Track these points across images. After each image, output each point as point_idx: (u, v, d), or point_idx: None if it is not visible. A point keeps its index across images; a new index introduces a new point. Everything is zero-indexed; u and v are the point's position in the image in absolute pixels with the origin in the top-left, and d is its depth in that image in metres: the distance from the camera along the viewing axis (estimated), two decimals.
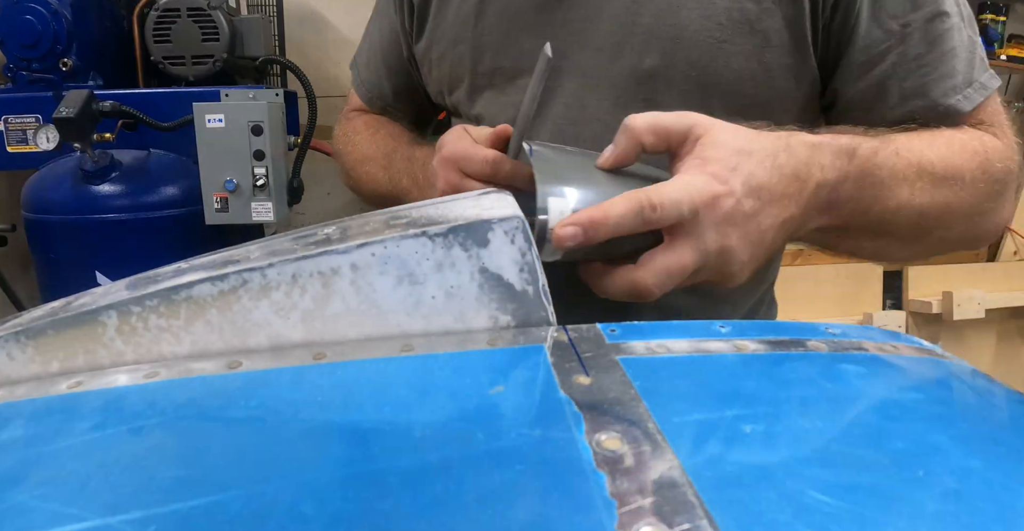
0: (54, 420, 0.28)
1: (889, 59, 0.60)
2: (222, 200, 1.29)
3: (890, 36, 0.59)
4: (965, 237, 0.61)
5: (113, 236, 1.32)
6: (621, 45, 0.62)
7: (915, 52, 0.59)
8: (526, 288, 0.34)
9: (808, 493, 0.21)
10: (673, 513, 0.20)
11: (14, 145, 1.40)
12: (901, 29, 0.59)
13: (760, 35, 0.60)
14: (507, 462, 0.22)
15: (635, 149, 0.47)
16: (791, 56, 0.61)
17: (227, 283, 0.32)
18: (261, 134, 1.26)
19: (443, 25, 0.70)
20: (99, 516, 0.21)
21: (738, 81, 0.61)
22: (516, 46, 0.66)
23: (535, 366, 0.29)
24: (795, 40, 0.60)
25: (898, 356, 0.31)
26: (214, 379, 0.29)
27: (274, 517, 0.20)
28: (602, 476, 0.21)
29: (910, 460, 0.23)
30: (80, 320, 0.32)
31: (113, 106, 1.27)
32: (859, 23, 0.59)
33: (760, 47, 0.60)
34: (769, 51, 0.60)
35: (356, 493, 0.21)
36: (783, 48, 0.60)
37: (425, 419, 0.25)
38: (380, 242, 0.33)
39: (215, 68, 1.43)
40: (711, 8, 0.60)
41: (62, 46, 1.37)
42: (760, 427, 0.24)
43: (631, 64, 0.62)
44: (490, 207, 0.36)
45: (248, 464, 0.23)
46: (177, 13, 1.40)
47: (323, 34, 1.89)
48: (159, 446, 0.25)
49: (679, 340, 0.31)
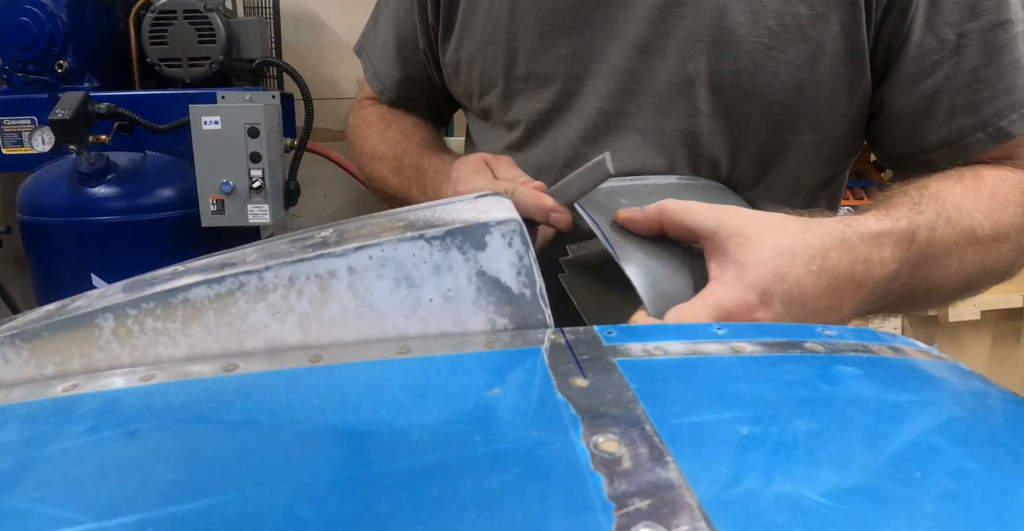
0: (50, 423, 0.28)
1: (942, 71, 0.55)
2: (218, 202, 1.29)
3: (944, 46, 0.54)
4: (1000, 281, 0.56)
5: (109, 238, 1.31)
6: (664, 48, 0.58)
7: (970, 65, 0.54)
8: (523, 291, 0.34)
9: (805, 495, 0.21)
10: (671, 515, 0.20)
11: (9, 147, 1.40)
12: (957, 39, 0.54)
13: (813, 42, 0.55)
14: (504, 464, 0.22)
15: (656, 232, 0.44)
16: (845, 66, 0.56)
17: (224, 286, 0.32)
18: (257, 136, 1.26)
19: (474, 24, 0.66)
20: (95, 519, 0.21)
21: (787, 92, 0.57)
22: (553, 50, 0.62)
23: (532, 368, 0.29)
24: (851, 48, 0.56)
25: (894, 358, 0.32)
26: (210, 382, 0.29)
27: (271, 520, 0.20)
28: (600, 478, 0.21)
29: (907, 461, 0.23)
30: (76, 323, 0.32)
31: (109, 108, 1.27)
32: (913, 30, 0.55)
33: (813, 55, 0.55)
34: (822, 60, 0.56)
35: (353, 496, 0.21)
36: (837, 57, 0.56)
37: (422, 421, 0.25)
38: (377, 245, 0.33)
39: (211, 70, 1.42)
40: (761, 12, 0.55)
41: (58, 48, 1.36)
42: (757, 429, 0.24)
43: (674, 70, 0.58)
44: (487, 210, 0.36)
45: (244, 467, 0.23)
46: (173, 15, 1.40)
47: (319, 37, 1.89)
48: (155, 449, 0.25)
49: (676, 342, 0.31)
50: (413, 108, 0.82)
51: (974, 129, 0.56)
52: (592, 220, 0.46)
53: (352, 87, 1.93)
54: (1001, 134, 0.55)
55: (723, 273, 0.40)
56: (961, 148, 0.57)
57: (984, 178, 0.54)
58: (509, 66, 0.64)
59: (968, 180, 0.54)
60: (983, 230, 0.50)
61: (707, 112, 0.59)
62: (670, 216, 0.43)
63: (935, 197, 0.50)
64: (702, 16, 0.56)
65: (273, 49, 1.66)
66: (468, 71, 0.68)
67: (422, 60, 0.77)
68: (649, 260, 0.43)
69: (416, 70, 0.78)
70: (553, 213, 0.49)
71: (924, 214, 0.47)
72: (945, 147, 0.57)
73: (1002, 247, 0.52)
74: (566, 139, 0.64)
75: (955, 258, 0.49)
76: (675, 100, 0.59)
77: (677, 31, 0.57)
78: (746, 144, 0.60)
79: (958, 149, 0.57)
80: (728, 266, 0.40)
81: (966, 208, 0.50)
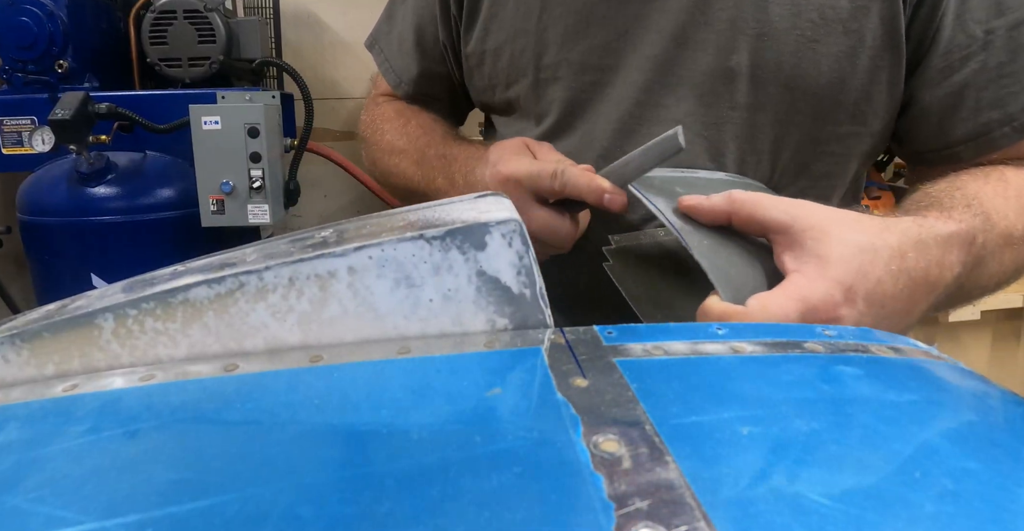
0: (49, 423, 0.28)
1: (970, 66, 0.56)
2: (218, 202, 1.29)
3: (973, 42, 0.56)
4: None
5: (109, 238, 1.31)
6: (704, 39, 0.58)
7: (997, 61, 0.56)
8: (523, 291, 0.34)
9: (806, 495, 0.21)
10: (671, 515, 0.20)
11: (9, 147, 1.40)
12: (985, 35, 0.55)
13: (855, 35, 0.56)
14: (504, 464, 0.22)
15: (722, 222, 0.43)
16: (885, 58, 0.57)
17: (224, 286, 0.32)
18: (257, 136, 1.26)
19: (502, 15, 0.66)
20: (95, 519, 0.21)
21: (829, 85, 0.57)
22: (586, 40, 0.61)
23: (532, 368, 0.29)
24: (890, 40, 0.56)
25: (895, 358, 0.32)
26: (210, 382, 0.29)
27: (271, 520, 0.20)
28: (599, 478, 0.21)
29: (907, 461, 0.23)
30: (76, 323, 0.32)
31: (109, 108, 1.27)
32: (943, 26, 0.56)
33: (854, 48, 0.56)
34: (863, 52, 0.56)
35: (353, 496, 0.21)
36: (877, 49, 0.56)
37: (422, 421, 0.25)
38: (377, 245, 0.33)
39: (211, 70, 1.42)
40: (802, 4, 0.56)
41: (58, 48, 1.36)
42: (758, 429, 0.24)
43: (714, 62, 0.58)
44: (487, 210, 0.36)
45: (245, 467, 0.23)
46: (173, 15, 1.40)
47: (319, 36, 1.89)
48: (155, 449, 0.25)
49: (676, 342, 0.31)
50: (430, 103, 0.81)
51: (1000, 124, 0.57)
52: (653, 204, 0.44)
53: (352, 87, 1.92)
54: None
55: (803, 266, 0.38)
56: (987, 142, 0.58)
57: (1008, 179, 0.55)
58: (538, 55, 0.64)
59: (994, 181, 0.54)
60: (1017, 231, 0.51)
61: (747, 104, 0.59)
62: (740, 207, 0.41)
63: (976, 198, 0.50)
64: (744, 8, 0.57)
65: (273, 49, 1.66)
66: (494, 61, 0.67)
67: (441, 53, 0.76)
68: (718, 247, 0.42)
69: (434, 64, 0.78)
70: (608, 194, 0.47)
71: (978, 217, 0.47)
72: (971, 141, 0.58)
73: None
74: (601, 130, 0.63)
75: (996, 259, 0.50)
76: (716, 92, 0.59)
77: (718, 23, 0.58)
78: (788, 136, 0.60)
79: (984, 143, 0.58)
80: (808, 260, 0.38)
81: (1001, 209, 0.50)
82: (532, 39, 0.63)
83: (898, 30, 0.56)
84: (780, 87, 0.58)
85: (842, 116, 0.59)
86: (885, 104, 0.59)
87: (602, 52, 0.61)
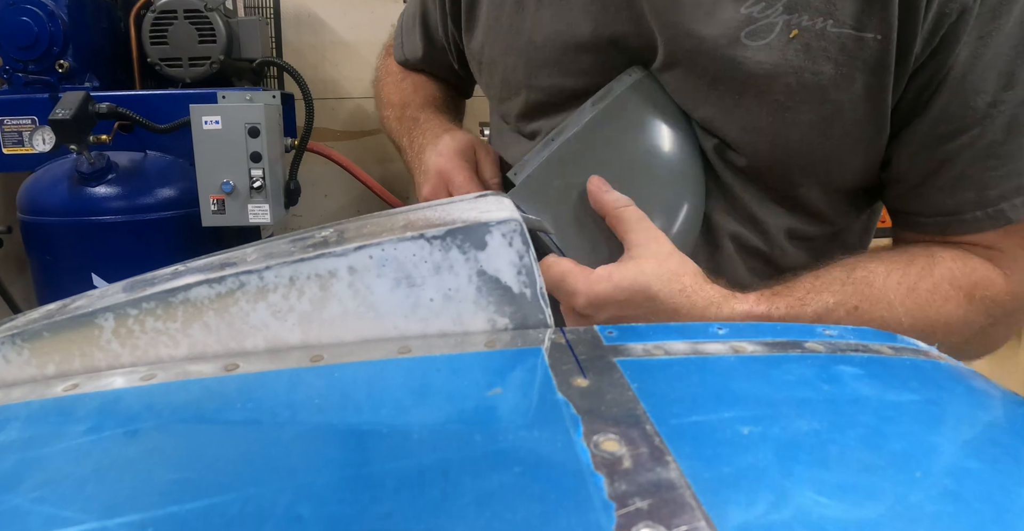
0: (50, 423, 0.28)
1: (960, 140, 0.50)
2: (219, 202, 1.29)
3: (970, 114, 0.49)
4: None
5: (109, 238, 1.31)
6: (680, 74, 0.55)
7: (990, 138, 0.50)
8: (524, 291, 0.34)
9: (806, 494, 0.21)
10: (671, 515, 0.20)
11: (10, 147, 1.40)
12: (987, 108, 0.49)
13: (832, 105, 0.50)
14: (505, 464, 0.22)
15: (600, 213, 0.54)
16: (863, 131, 0.52)
17: (224, 286, 0.32)
18: (258, 136, 1.26)
19: (495, 27, 0.64)
20: (96, 519, 0.21)
21: (798, 153, 0.53)
22: (576, 63, 0.59)
23: (533, 368, 0.29)
24: (872, 114, 0.51)
25: (895, 357, 0.32)
26: (211, 381, 0.29)
27: (271, 520, 0.20)
28: (600, 478, 0.21)
29: (908, 461, 0.23)
30: (76, 323, 0.32)
31: (109, 108, 1.27)
32: (940, 92, 0.50)
33: (829, 119, 0.51)
34: (839, 124, 0.51)
35: (353, 495, 0.21)
36: (855, 123, 0.51)
37: (423, 421, 0.25)
38: (378, 244, 0.33)
39: (212, 70, 1.43)
40: (781, 66, 0.50)
41: (58, 48, 1.37)
42: (758, 429, 0.24)
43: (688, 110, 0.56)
44: (487, 210, 0.36)
45: (245, 467, 0.23)
46: (174, 15, 1.40)
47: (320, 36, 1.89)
48: (156, 449, 0.25)
49: (677, 342, 0.31)
50: (434, 76, 0.85)
51: (974, 206, 0.52)
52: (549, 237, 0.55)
53: (352, 87, 1.93)
54: (1000, 217, 0.52)
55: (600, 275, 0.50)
56: (956, 222, 0.54)
57: (934, 271, 0.52)
58: (529, 76, 0.62)
59: (915, 270, 0.52)
60: (899, 325, 0.49)
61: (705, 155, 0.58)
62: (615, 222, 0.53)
63: (858, 283, 0.51)
64: (719, 61, 0.53)
65: (273, 49, 1.66)
66: (491, 74, 0.66)
67: (443, 45, 0.77)
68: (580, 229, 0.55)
69: (438, 53, 0.80)
70: None
71: (811, 306, 0.50)
72: (940, 217, 0.54)
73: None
74: None
75: None
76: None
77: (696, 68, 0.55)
78: (766, 192, 0.58)
79: (953, 222, 0.54)
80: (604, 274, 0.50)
81: (887, 300, 0.50)
82: (523, 59, 0.62)
83: (882, 104, 0.50)
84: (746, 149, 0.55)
85: (809, 183, 0.56)
86: (857, 172, 0.56)
87: (594, 76, 0.59)
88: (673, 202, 0.57)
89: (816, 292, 0.51)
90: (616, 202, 0.53)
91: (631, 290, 0.49)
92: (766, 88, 0.51)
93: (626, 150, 0.57)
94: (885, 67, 0.49)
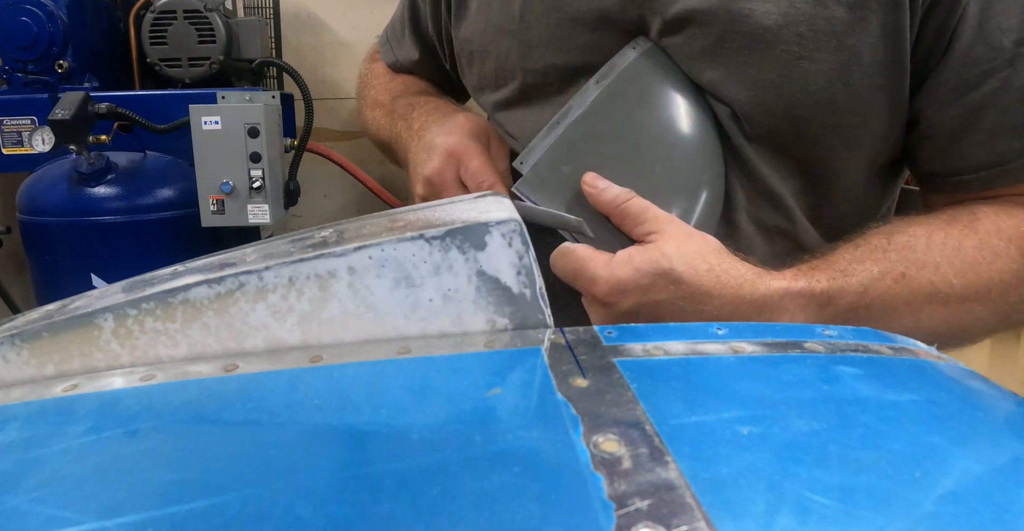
0: (50, 423, 0.28)
1: (990, 84, 0.48)
2: (218, 202, 1.29)
3: (997, 55, 0.47)
4: (984, 339, 0.52)
5: (109, 238, 1.31)
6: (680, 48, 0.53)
7: (1023, 79, 0.47)
8: (523, 291, 0.34)
9: (806, 495, 0.21)
10: (671, 515, 0.20)
11: (9, 147, 1.40)
12: (1013, 47, 0.46)
13: (849, 51, 0.48)
14: (504, 464, 0.22)
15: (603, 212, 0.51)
16: (884, 76, 0.49)
17: (223, 286, 0.32)
18: (257, 136, 1.26)
19: (486, 13, 0.62)
20: (95, 519, 0.21)
21: (816, 107, 0.50)
22: (571, 40, 0.57)
23: (532, 368, 0.29)
24: (892, 56, 0.48)
25: (894, 358, 0.32)
26: (210, 382, 0.29)
27: (271, 520, 0.20)
28: (600, 478, 0.21)
29: (907, 461, 0.23)
30: (76, 323, 0.32)
31: (109, 108, 1.27)
32: (960, 34, 0.47)
33: (847, 65, 0.48)
34: (858, 70, 0.49)
35: (353, 496, 0.21)
36: (875, 67, 0.49)
37: (422, 421, 0.25)
38: (377, 245, 0.33)
39: (211, 70, 1.42)
40: (791, 15, 0.48)
41: (58, 48, 1.36)
42: (758, 429, 0.24)
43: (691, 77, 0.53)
44: (487, 210, 0.36)
45: (245, 467, 0.23)
46: (173, 15, 1.40)
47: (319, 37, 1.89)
48: (155, 449, 0.25)
49: (676, 342, 0.31)
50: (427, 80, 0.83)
51: (1019, 154, 0.49)
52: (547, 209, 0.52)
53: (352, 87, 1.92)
54: None
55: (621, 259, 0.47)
56: (1001, 173, 0.51)
57: (977, 227, 0.49)
58: (524, 58, 0.60)
59: (957, 228, 0.49)
60: (950, 288, 0.47)
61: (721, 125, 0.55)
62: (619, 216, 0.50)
63: (900, 248, 0.48)
64: (722, 15, 0.51)
65: (273, 49, 1.66)
66: (483, 63, 0.64)
67: (435, 44, 0.75)
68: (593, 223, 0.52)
69: (430, 56, 0.78)
70: None
71: (855, 276, 0.46)
72: (984, 170, 0.51)
73: (976, 307, 0.48)
74: None
75: (907, 316, 0.47)
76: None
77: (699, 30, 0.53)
78: (785, 162, 0.55)
79: (997, 174, 0.51)
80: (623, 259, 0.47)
81: (933, 263, 0.47)
82: (516, 40, 0.60)
83: (902, 44, 0.48)
84: (760, 110, 0.52)
85: (837, 142, 0.53)
86: (884, 126, 0.52)
87: (591, 53, 0.57)
88: (692, 180, 0.53)
89: (859, 261, 0.47)
90: (616, 199, 0.50)
91: (654, 274, 0.45)
92: (775, 39, 0.48)
93: (638, 127, 0.53)
94: (899, 4, 0.47)
